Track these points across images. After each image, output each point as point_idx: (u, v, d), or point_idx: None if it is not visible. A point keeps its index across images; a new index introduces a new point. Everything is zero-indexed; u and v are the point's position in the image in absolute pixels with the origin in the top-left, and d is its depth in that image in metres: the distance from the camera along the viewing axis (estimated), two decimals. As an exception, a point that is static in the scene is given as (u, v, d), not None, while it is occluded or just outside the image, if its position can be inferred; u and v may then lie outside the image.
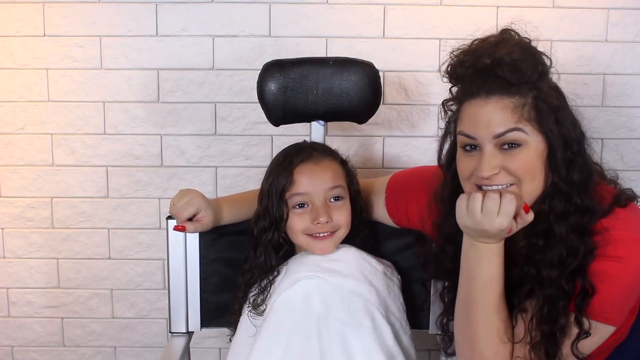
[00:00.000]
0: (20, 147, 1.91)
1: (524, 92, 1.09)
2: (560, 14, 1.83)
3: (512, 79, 1.08)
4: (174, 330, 1.48)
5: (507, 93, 1.08)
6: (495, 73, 1.08)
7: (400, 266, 1.43)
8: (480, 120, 1.09)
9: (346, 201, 1.33)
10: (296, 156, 1.32)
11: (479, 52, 1.11)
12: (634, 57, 1.86)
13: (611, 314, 1.10)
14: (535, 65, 1.09)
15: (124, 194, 1.93)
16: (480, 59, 1.09)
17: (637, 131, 1.91)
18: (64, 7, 1.82)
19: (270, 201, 1.32)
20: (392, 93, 1.88)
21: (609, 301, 1.09)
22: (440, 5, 1.83)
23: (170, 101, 1.88)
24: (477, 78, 1.10)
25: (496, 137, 1.08)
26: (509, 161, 1.09)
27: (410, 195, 1.36)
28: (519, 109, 1.08)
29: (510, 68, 1.07)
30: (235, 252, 1.45)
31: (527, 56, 1.09)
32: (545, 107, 1.09)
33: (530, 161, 1.09)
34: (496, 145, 1.09)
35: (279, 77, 1.42)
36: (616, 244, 1.08)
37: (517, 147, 1.09)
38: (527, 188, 1.10)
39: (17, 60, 1.86)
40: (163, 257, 1.94)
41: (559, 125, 1.10)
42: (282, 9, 1.83)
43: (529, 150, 1.09)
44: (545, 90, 1.10)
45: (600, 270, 1.08)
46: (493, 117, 1.08)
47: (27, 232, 1.95)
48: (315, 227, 1.29)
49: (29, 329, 2.01)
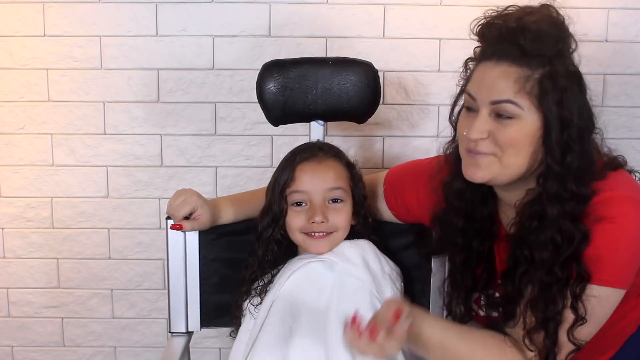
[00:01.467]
0: (20, 147, 1.91)
1: (534, 66, 1.07)
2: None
3: (529, 48, 1.07)
4: (173, 330, 1.47)
5: (517, 62, 1.08)
6: (516, 39, 1.08)
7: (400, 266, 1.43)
8: (484, 82, 1.11)
9: (346, 204, 1.32)
10: (300, 154, 1.33)
11: (509, 16, 1.11)
12: (634, 57, 1.86)
13: (616, 276, 1.09)
14: (556, 42, 1.08)
15: (124, 194, 1.93)
16: (507, 22, 1.10)
17: (637, 131, 1.91)
18: (64, 7, 1.82)
19: (272, 196, 1.33)
20: (392, 93, 1.88)
21: (611, 262, 1.08)
22: (440, 5, 1.83)
23: (170, 101, 1.88)
24: (497, 41, 1.11)
25: (492, 104, 1.09)
26: (498, 130, 1.09)
27: (407, 184, 1.37)
28: (522, 80, 1.07)
29: (531, 37, 1.07)
30: (235, 252, 1.45)
31: (551, 30, 1.08)
32: (550, 86, 1.08)
33: (519, 136, 1.09)
34: (492, 111, 1.10)
35: (278, 77, 1.42)
36: (608, 204, 1.09)
37: (509, 119, 1.09)
38: (507, 161, 1.11)
39: (17, 60, 1.86)
40: (163, 257, 1.94)
41: (560, 107, 1.08)
42: (282, 9, 1.83)
43: (520, 125, 1.09)
44: (559, 69, 1.09)
45: (597, 232, 1.08)
46: (496, 82, 1.09)
47: (27, 232, 1.96)
48: (311, 226, 1.29)
49: (29, 329, 2.02)
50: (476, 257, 1.27)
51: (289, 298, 1.27)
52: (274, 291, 1.29)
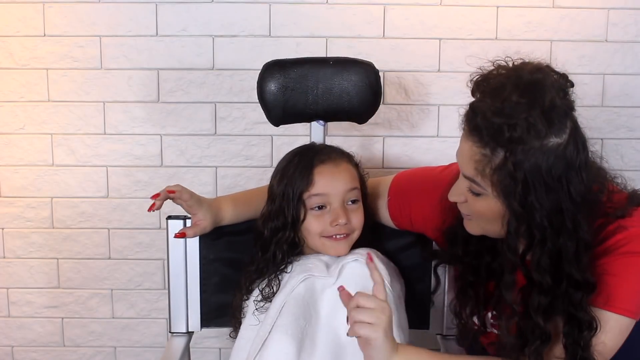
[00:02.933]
0: (20, 147, 1.91)
1: (495, 149, 1.01)
2: (560, 14, 1.83)
3: (485, 131, 1.01)
4: (174, 330, 1.48)
5: (480, 140, 1.03)
6: (479, 115, 1.02)
7: (400, 266, 1.43)
8: (460, 152, 1.09)
9: (361, 204, 1.33)
10: (316, 157, 1.32)
11: (496, 79, 1.04)
12: (634, 57, 1.86)
13: (632, 305, 1.09)
14: (512, 134, 0.98)
15: (124, 194, 1.93)
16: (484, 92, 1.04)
17: (637, 131, 1.91)
18: (64, 7, 1.82)
19: (285, 202, 1.31)
20: (392, 93, 1.88)
21: (634, 294, 1.08)
22: (440, 5, 1.83)
23: (170, 101, 1.88)
24: (469, 111, 1.06)
25: (464, 176, 1.09)
26: (470, 199, 1.10)
27: (414, 199, 1.36)
28: (483, 163, 1.03)
29: (482, 117, 1.01)
30: (235, 252, 1.45)
31: (520, 113, 0.98)
32: (508, 179, 1.01)
33: (487, 212, 1.09)
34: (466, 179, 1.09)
35: (279, 77, 1.42)
36: (637, 240, 1.08)
37: (478, 195, 1.08)
38: (485, 226, 1.12)
39: (17, 60, 1.86)
40: (163, 257, 1.94)
41: (525, 200, 1.01)
42: (282, 9, 1.83)
43: (488, 202, 1.07)
44: (520, 159, 0.99)
45: (624, 265, 1.07)
46: (463, 157, 1.07)
47: (27, 232, 1.95)
48: (333, 229, 1.29)
49: (29, 329, 2.01)
50: (487, 273, 1.24)
51: (302, 300, 1.27)
52: (285, 291, 1.29)
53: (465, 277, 1.27)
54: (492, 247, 1.21)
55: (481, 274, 1.25)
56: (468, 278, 1.26)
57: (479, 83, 1.07)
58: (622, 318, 1.09)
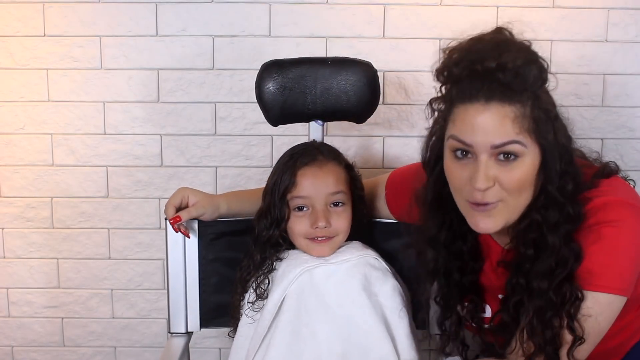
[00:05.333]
0: (20, 147, 1.91)
1: (524, 100, 1.04)
2: (560, 14, 1.83)
3: (515, 86, 1.03)
4: (173, 330, 1.48)
5: (507, 100, 1.03)
6: (497, 77, 1.03)
7: (400, 266, 1.43)
8: (478, 127, 1.04)
9: (347, 207, 1.33)
10: (300, 158, 1.32)
11: (480, 53, 1.05)
12: (634, 57, 1.86)
13: (615, 282, 1.07)
14: (539, 73, 1.05)
15: (124, 194, 1.93)
16: (483, 62, 1.03)
17: (637, 131, 1.91)
18: (64, 7, 1.82)
19: (272, 200, 1.33)
20: (392, 93, 1.88)
21: (609, 268, 1.06)
22: (440, 5, 1.83)
23: (170, 101, 1.88)
24: (476, 81, 1.05)
25: (494, 148, 1.04)
26: (503, 174, 1.05)
27: (409, 189, 1.35)
28: (519, 119, 1.03)
29: (515, 74, 1.03)
30: (235, 252, 1.45)
31: (531, 63, 1.05)
32: (544, 117, 1.05)
33: (524, 176, 1.06)
34: (492, 154, 1.05)
35: (277, 77, 1.42)
36: (604, 209, 1.07)
37: (513, 159, 1.05)
38: (514, 203, 1.08)
39: (17, 60, 1.86)
40: (163, 257, 1.94)
41: (556, 135, 1.06)
42: (282, 9, 1.83)
43: (524, 163, 1.06)
44: (544, 98, 1.07)
45: (595, 237, 1.06)
46: (492, 125, 1.04)
47: (27, 232, 1.96)
48: (314, 231, 1.30)
49: (29, 329, 2.02)
50: (460, 289, 1.24)
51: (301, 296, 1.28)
52: (282, 287, 1.29)
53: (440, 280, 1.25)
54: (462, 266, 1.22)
55: (455, 289, 1.24)
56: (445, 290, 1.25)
57: (456, 63, 1.08)
58: (606, 296, 1.07)
